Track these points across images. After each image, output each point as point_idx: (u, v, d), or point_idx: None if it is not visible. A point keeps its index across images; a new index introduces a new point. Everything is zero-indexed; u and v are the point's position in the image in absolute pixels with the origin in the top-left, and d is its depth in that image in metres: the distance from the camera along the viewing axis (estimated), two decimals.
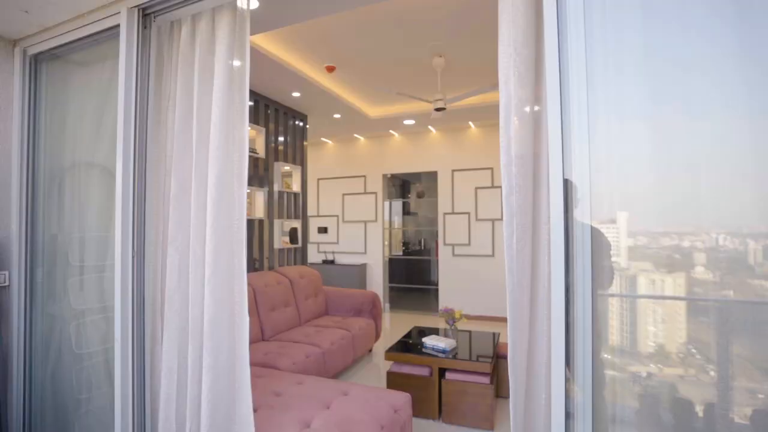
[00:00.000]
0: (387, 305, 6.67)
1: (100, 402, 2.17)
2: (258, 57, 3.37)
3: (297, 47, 3.47)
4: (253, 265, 4.12)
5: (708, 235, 0.99)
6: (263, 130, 4.22)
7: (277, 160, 4.49)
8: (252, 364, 2.91)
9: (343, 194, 6.85)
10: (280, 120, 4.56)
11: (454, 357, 2.92)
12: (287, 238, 4.74)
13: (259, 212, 4.22)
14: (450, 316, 3.22)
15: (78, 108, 2.27)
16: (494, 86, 3.25)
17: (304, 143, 5.06)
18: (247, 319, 1.75)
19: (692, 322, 1.02)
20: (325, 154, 7.03)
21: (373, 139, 6.68)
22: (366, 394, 2.22)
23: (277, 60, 3.47)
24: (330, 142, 6.94)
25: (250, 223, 4.08)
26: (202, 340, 1.75)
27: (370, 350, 4.40)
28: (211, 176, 1.76)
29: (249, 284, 3.60)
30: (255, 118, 4.19)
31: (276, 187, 4.43)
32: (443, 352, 2.99)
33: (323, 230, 6.98)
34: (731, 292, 0.96)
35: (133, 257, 1.79)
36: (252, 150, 4.09)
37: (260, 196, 4.22)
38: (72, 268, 2.24)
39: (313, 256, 7.00)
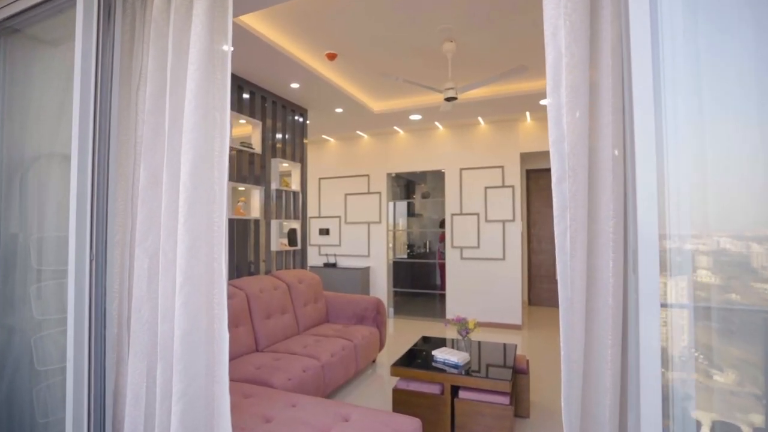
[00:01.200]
0: (391, 309, 6.37)
1: (64, 426, 1.88)
2: (252, 41, 3.09)
3: (294, 31, 3.19)
4: (248, 269, 3.83)
5: None
6: (259, 124, 3.94)
7: (274, 156, 4.21)
8: (242, 380, 2.62)
9: (346, 194, 6.56)
10: (278, 114, 4.28)
11: (468, 373, 2.61)
12: (285, 240, 4.44)
13: (255, 212, 3.93)
14: (463, 326, 2.91)
15: (44, 91, 2.00)
16: (513, 71, 2.96)
17: (304, 140, 4.78)
18: (227, 335, 1.45)
19: None
20: (326, 152, 6.75)
21: (376, 136, 6.39)
22: (370, 419, 1.92)
23: (273, 45, 3.18)
24: (331, 139, 6.66)
25: (245, 223, 3.79)
26: (172, 361, 1.46)
27: (374, 361, 4.09)
28: (184, 164, 1.47)
29: (242, 289, 3.31)
30: (251, 110, 3.91)
31: (273, 186, 4.14)
32: (456, 367, 2.68)
33: (325, 232, 6.69)
34: None
35: (91, 260, 1.50)
36: (248, 145, 3.81)
37: (256, 195, 3.94)
38: (34, 272, 1.96)
39: (314, 258, 6.71)
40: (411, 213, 8.66)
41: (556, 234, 0.95)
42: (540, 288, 7.12)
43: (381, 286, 6.27)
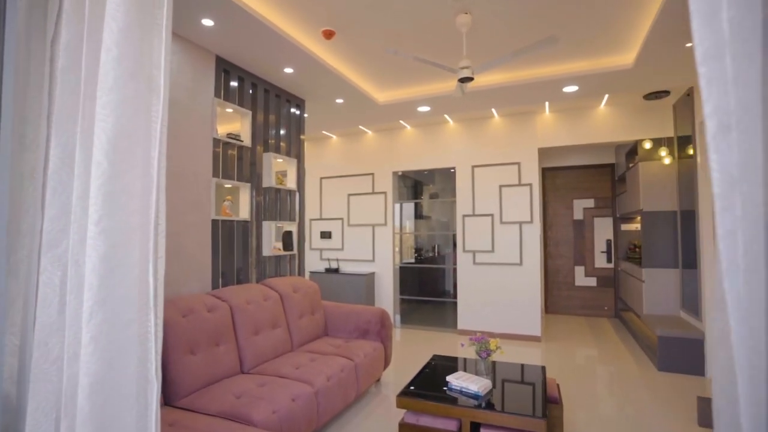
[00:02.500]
0: (397, 317, 5.90)
1: None
2: (236, 15, 2.66)
3: (285, 3, 2.76)
4: (235, 277, 3.40)
5: None
6: (249, 114, 3.51)
7: (267, 150, 3.78)
8: (217, 413, 2.17)
9: (349, 194, 6.12)
10: (271, 103, 3.85)
11: (491, 406, 2.14)
12: (280, 244, 4.01)
13: (244, 212, 3.50)
14: (483, 346, 2.44)
15: None
16: (541, 44, 2.50)
17: (301, 134, 4.34)
18: (158, 385, 1.01)
19: None
20: (327, 149, 6.33)
21: (381, 132, 5.95)
22: None
23: (261, 19, 2.76)
24: (333, 136, 6.23)
25: (231, 225, 3.36)
26: (76, 420, 1.01)
27: (379, 380, 3.63)
28: (99, 137, 1.04)
29: (225, 301, 2.88)
30: (239, 99, 3.49)
31: (266, 183, 3.71)
32: (475, 397, 2.22)
33: (326, 235, 6.25)
34: None
35: None
36: (235, 137, 3.38)
37: (245, 193, 3.51)
38: None
39: (315, 263, 6.27)
40: (418, 215, 8.21)
41: (720, 233, 0.49)
42: (558, 295, 6.62)
43: (387, 293, 5.82)
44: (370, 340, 3.56)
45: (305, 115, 4.61)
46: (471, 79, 2.79)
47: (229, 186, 3.42)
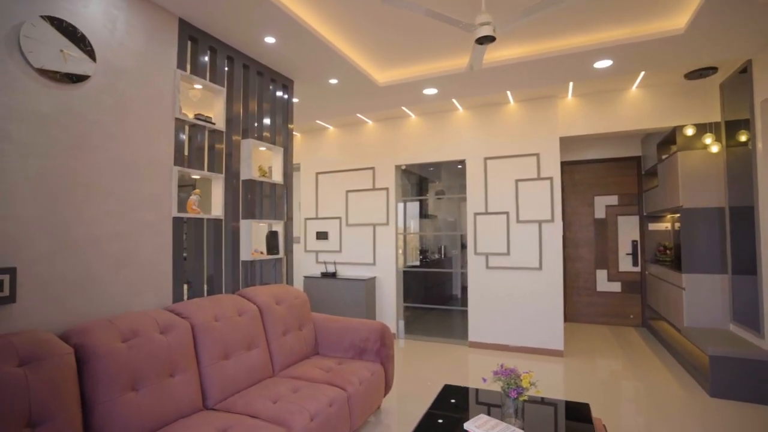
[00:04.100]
0: (401, 323, 5.33)
1: None
2: None
3: None
4: (203, 287, 2.83)
5: None
6: (223, 91, 2.94)
7: (246, 137, 3.21)
8: None
9: (347, 191, 5.55)
10: (251, 82, 3.29)
11: None
12: (263, 247, 3.45)
13: (217, 208, 2.93)
14: (512, 383, 1.85)
15: None
16: None
17: (289, 125, 3.77)
18: None
19: None
20: (324, 142, 5.76)
21: (383, 122, 5.38)
22: None
23: None
24: (330, 127, 5.67)
25: (199, 223, 2.79)
26: None
27: (379, 407, 3.06)
28: None
29: (186, 318, 2.31)
30: (211, 74, 2.93)
31: (245, 175, 3.15)
32: None
33: (323, 236, 5.68)
34: None
35: None
36: (206, 119, 2.82)
37: (218, 186, 2.94)
38: None
39: (311, 267, 5.71)
40: (424, 214, 7.64)
41: None
42: (577, 301, 6.02)
43: (389, 300, 5.24)
44: (367, 360, 2.99)
45: (294, 99, 4.05)
46: (492, 39, 2.21)
47: (197, 177, 2.86)
